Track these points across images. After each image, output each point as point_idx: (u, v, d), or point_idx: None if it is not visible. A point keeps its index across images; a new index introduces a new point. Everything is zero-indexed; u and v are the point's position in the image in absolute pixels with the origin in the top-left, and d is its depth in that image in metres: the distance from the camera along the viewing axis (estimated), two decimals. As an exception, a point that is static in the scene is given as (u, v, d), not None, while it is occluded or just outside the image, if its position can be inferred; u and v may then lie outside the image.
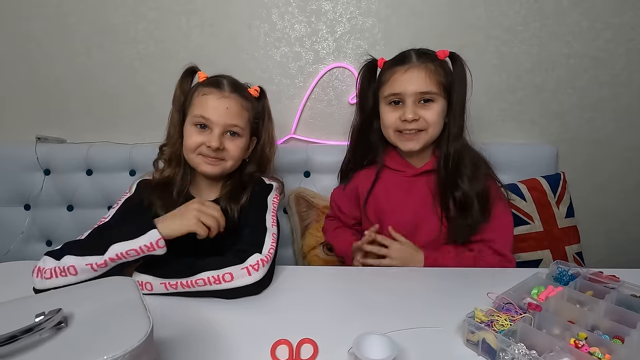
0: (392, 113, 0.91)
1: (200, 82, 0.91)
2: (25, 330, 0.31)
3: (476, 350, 0.57)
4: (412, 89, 0.87)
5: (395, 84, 0.89)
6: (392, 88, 0.89)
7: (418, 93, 0.87)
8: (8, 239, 1.35)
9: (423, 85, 0.87)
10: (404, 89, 0.88)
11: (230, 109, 0.86)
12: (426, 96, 0.88)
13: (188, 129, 0.87)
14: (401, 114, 0.88)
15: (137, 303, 0.39)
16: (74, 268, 0.66)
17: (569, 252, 1.24)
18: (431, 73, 0.88)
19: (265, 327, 0.63)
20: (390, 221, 0.94)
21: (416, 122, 0.88)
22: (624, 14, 1.26)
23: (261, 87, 0.97)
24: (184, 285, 0.70)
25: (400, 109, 0.90)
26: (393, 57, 0.95)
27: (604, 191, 1.43)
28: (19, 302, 0.38)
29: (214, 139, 0.84)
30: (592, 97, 1.34)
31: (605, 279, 0.71)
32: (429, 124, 0.89)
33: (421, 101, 0.89)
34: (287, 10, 1.28)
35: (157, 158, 0.93)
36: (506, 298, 0.63)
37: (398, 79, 0.89)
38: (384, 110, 0.93)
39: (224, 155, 0.87)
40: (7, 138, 1.40)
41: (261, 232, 0.80)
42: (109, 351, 0.31)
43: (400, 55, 0.93)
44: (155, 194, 0.87)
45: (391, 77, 0.90)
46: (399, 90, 0.88)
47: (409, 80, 0.87)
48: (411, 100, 0.88)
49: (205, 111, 0.85)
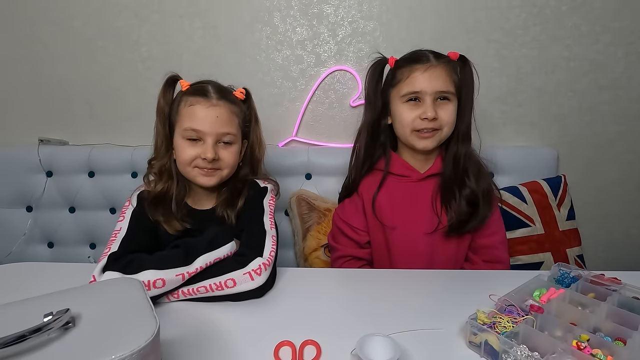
0: (410, 112, 0.90)
1: (184, 90, 0.87)
2: (34, 330, 0.31)
3: (478, 352, 0.57)
4: (433, 88, 0.87)
5: (415, 82, 0.89)
6: (411, 86, 0.89)
7: (437, 92, 0.88)
8: (10, 241, 1.35)
9: (442, 84, 0.88)
10: (425, 87, 0.88)
11: (221, 117, 0.83)
12: (443, 95, 0.89)
13: (179, 143, 0.84)
14: (421, 113, 0.88)
15: (144, 304, 0.39)
16: (162, 281, 0.67)
17: (570, 254, 1.24)
18: (449, 72, 0.89)
19: (268, 329, 0.64)
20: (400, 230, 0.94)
21: (434, 121, 0.88)
22: (624, 18, 1.26)
23: (246, 88, 0.94)
24: (185, 294, 0.71)
25: (418, 107, 0.89)
26: (405, 57, 0.95)
27: (604, 194, 1.43)
28: (27, 302, 0.38)
29: (208, 150, 0.82)
30: (592, 100, 1.34)
31: (607, 281, 0.71)
32: (445, 123, 0.90)
33: (438, 99, 0.89)
34: (289, 13, 1.28)
35: (147, 172, 0.91)
36: (508, 300, 0.63)
37: (418, 77, 0.88)
38: (401, 109, 0.92)
39: (219, 165, 0.85)
40: (10, 140, 1.40)
41: (261, 236, 0.80)
42: (117, 351, 0.31)
43: (414, 55, 0.93)
44: (155, 210, 0.85)
45: (410, 75, 0.89)
46: (419, 89, 0.88)
47: (429, 79, 0.88)
48: (430, 99, 0.88)
49: (194, 123, 0.82)
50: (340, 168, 1.14)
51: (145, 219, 0.85)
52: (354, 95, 1.34)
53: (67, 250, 1.39)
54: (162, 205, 0.87)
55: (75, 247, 1.39)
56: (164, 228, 0.85)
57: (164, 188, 0.87)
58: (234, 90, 0.92)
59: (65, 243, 1.39)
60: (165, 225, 0.85)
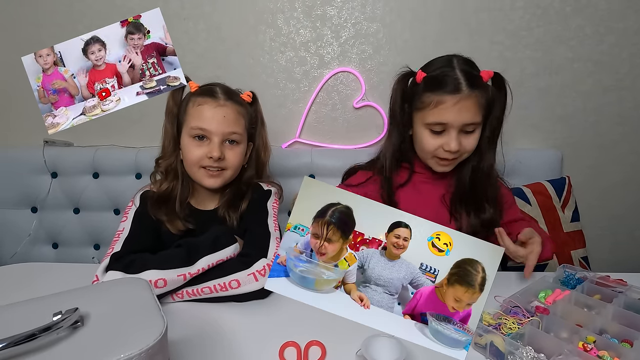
0: (433, 140, 0.86)
1: (193, 92, 0.89)
2: (44, 329, 0.32)
3: (484, 353, 0.57)
4: (461, 121, 0.82)
5: (444, 113, 0.82)
6: (439, 117, 0.83)
7: (465, 124, 0.83)
8: (15, 242, 1.36)
9: (472, 117, 0.83)
10: (452, 120, 0.82)
11: (227, 117, 0.85)
12: (470, 126, 0.84)
13: (186, 142, 0.86)
14: (444, 144, 0.84)
15: (151, 303, 0.39)
16: (163, 281, 0.68)
17: (575, 256, 1.23)
18: (479, 102, 0.83)
19: (272, 330, 0.64)
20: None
21: (456, 152, 0.85)
22: (628, 19, 1.26)
23: (253, 92, 0.95)
24: (189, 294, 0.71)
25: (442, 137, 0.85)
26: (434, 74, 0.85)
27: (609, 195, 1.43)
28: (36, 301, 0.38)
29: (214, 149, 0.83)
30: (597, 102, 1.34)
31: (613, 282, 0.71)
32: (466, 152, 0.87)
33: (463, 131, 0.85)
34: (293, 15, 1.29)
35: (154, 171, 0.92)
36: (513, 301, 0.63)
37: (448, 109, 0.82)
38: (424, 135, 0.87)
39: (224, 165, 0.86)
40: (16, 141, 1.41)
41: (265, 237, 0.80)
42: (126, 350, 0.31)
43: (444, 77, 0.83)
44: (158, 209, 0.87)
45: (439, 105, 0.83)
46: (446, 121, 0.83)
47: (459, 112, 0.82)
48: (456, 132, 0.83)
49: (202, 122, 0.84)
50: (343, 169, 1.14)
51: (147, 219, 0.85)
52: (357, 97, 1.34)
53: (71, 251, 1.39)
54: (166, 205, 0.88)
55: (80, 247, 1.39)
56: (166, 228, 0.86)
57: (169, 187, 0.88)
58: (242, 93, 0.93)
59: (70, 244, 1.39)
60: (168, 224, 0.86)
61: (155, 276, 0.67)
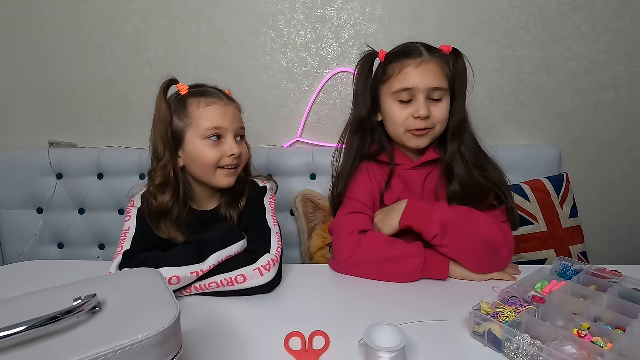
0: (402, 111, 0.86)
1: (189, 93, 0.85)
2: (66, 312, 0.34)
3: (482, 341, 0.59)
4: (426, 84, 0.83)
5: (407, 78, 0.84)
6: (403, 82, 0.84)
7: (430, 89, 0.83)
8: (21, 242, 1.38)
9: (436, 80, 0.83)
10: (417, 83, 0.83)
11: (235, 114, 0.86)
12: (437, 92, 0.84)
13: (199, 145, 0.82)
14: (413, 111, 0.84)
15: (164, 291, 0.41)
16: (177, 278, 0.69)
17: (574, 252, 1.25)
18: (442, 68, 0.85)
19: (278, 321, 0.66)
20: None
21: (427, 120, 0.84)
22: (624, 17, 1.28)
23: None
24: (197, 289, 0.73)
25: (410, 106, 0.85)
26: (396, 50, 0.90)
27: (607, 192, 1.44)
28: (56, 289, 0.40)
29: (234, 146, 0.83)
30: (594, 99, 1.36)
31: (608, 274, 0.72)
32: (438, 122, 0.86)
33: (430, 98, 0.85)
34: (293, 17, 1.31)
35: (149, 186, 0.86)
36: (511, 292, 0.65)
37: (410, 72, 0.84)
38: (392, 108, 0.87)
39: (239, 161, 0.86)
40: (22, 143, 1.44)
41: (266, 233, 0.82)
42: (143, 332, 0.33)
43: (406, 49, 0.88)
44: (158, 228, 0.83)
45: (402, 71, 0.85)
46: (411, 85, 0.83)
47: (422, 75, 0.83)
48: (423, 97, 0.84)
49: (217, 121, 0.82)
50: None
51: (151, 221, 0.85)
52: (358, 97, 1.36)
53: (77, 251, 1.41)
54: (164, 222, 0.84)
55: (85, 247, 1.41)
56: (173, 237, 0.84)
57: (169, 200, 0.83)
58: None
59: (75, 244, 1.41)
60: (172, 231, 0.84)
61: (169, 273, 0.68)
